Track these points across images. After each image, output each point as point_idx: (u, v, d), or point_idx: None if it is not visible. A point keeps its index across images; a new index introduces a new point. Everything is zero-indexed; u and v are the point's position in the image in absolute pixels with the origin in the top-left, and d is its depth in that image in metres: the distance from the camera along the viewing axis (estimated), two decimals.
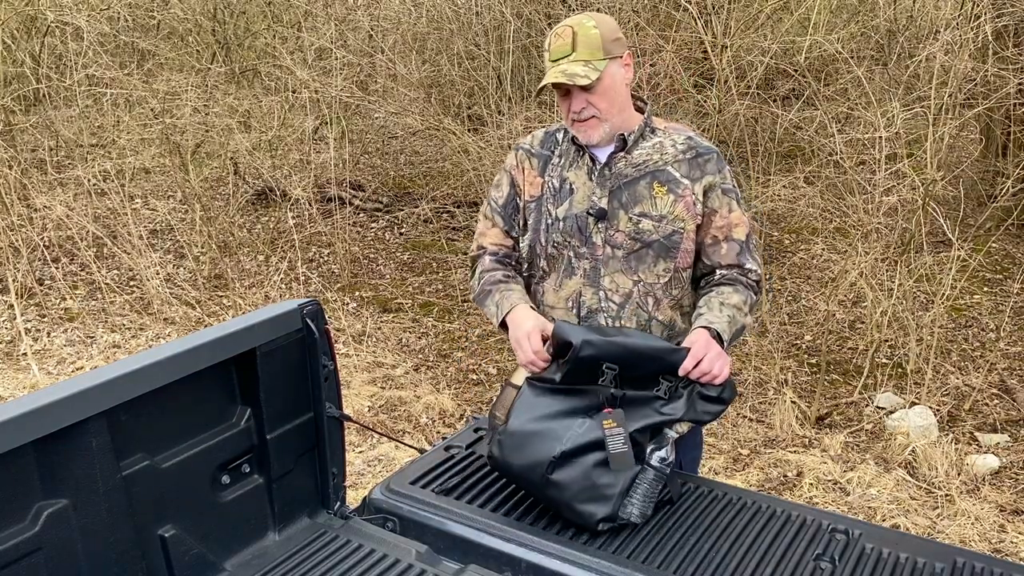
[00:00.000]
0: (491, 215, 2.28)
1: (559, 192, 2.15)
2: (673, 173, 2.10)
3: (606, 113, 2.07)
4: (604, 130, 2.08)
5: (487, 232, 2.29)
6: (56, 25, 6.46)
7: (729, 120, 5.40)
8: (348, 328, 5.31)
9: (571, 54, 2.01)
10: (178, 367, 1.74)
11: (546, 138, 2.24)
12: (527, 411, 1.95)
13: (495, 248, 2.27)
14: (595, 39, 2.03)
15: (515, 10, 6.23)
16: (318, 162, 6.84)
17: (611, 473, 1.89)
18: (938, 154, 4.42)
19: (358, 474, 3.88)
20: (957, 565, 1.77)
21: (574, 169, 2.15)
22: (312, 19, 7.27)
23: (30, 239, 6.04)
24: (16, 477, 1.52)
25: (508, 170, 2.26)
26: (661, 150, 2.12)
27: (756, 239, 2.18)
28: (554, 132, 2.24)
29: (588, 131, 2.08)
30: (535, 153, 2.22)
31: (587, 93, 2.04)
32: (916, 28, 6.66)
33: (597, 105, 2.05)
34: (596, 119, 2.07)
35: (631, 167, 2.11)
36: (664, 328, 2.14)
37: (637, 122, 2.14)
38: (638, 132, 2.13)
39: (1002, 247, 5.89)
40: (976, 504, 3.54)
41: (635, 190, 2.10)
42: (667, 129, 2.17)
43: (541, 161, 2.21)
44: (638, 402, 1.92)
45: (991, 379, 4.45)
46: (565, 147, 2.19)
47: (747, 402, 4.38)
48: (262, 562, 1.91)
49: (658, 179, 2.10)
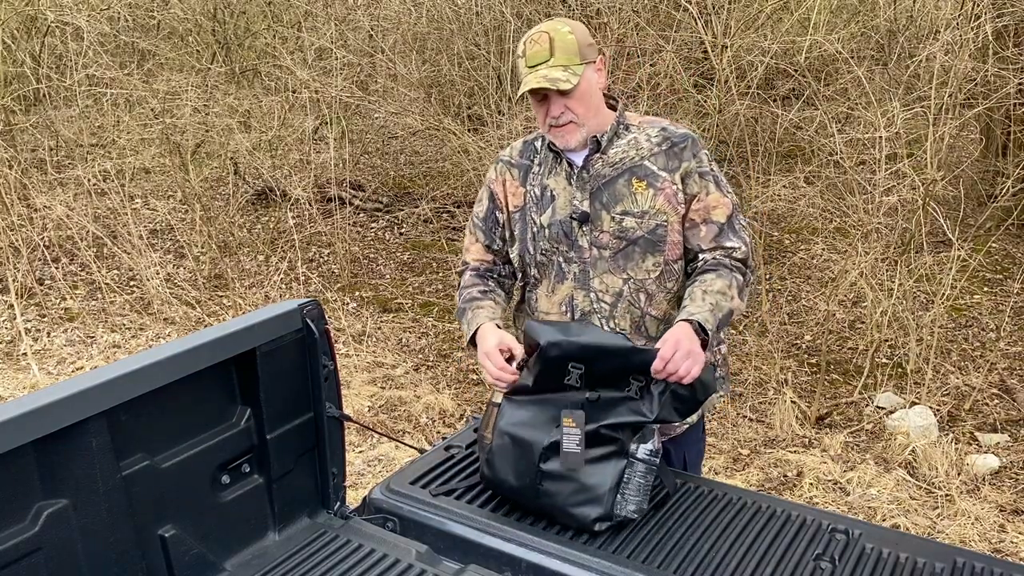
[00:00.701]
0: (473, 230, 2.32)
1: (541, 200, 2.17)
2: (650, 167, 2.10)
3: (583, 118, 2.08)
4: (581, 135, 2.10)
5: (470, 248, 2.33)
6: (56, 25, 6.46)
7: (729, 120, 5.40)
8: (348, 328, 5.31)
9: (549, 59, 2.02)
10: (178, 367, 1.74)
11: (525, 148, 2.26)
12: (507, 425, 1.96)
13: (476, 263, 2.31)
14: (572, 44, 2.04)
15: (515, 10, 6.23)
16: (318, 162, 6.84)
17: (598, 473, 1.88)
18: (938, 154, 4.42)
19: (358, 474, 3.88)
20: (957, 565, 1.77)
21: (553, 176, 2.17)
22: (312, 19, 7.27)
23: (30, 239, 6.04)
24: (16, 477, 1.52)
25: (488, 184, 2.29)
26: (636, 146, 2.13)
27: (742, 219, 2.15)
28: (532, 141, 2.26)
29: (566, 136, 2.10)
30: (515, 164, 2.24)
31: (565, 98, 2.05)
32: (916, 28, 6.66)
33: (575, 110, 2.06)
34: (574, 124, 2.08)
35: (608, 167, 2.12)
36: (659, 323, 2.14)
37: (610, 121, 2.14)
38: (611, 131, 2.13)
39: (1002, 247, 5.89)
40: (976, 504, 3.55)
41: (614, 189, 2.10)
42: (641, 124, 2.17)
43: (521, 171, 2.23)
44: (613, 403, 1.91)
45: (991, 379, 4.45)
46: (544, 155, 2.20)
47: (747, 402, 4.38)
48: (262, 562, 1.91)
49: (636, 175, 2.10)
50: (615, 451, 1.90)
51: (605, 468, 1.90)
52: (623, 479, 1.90)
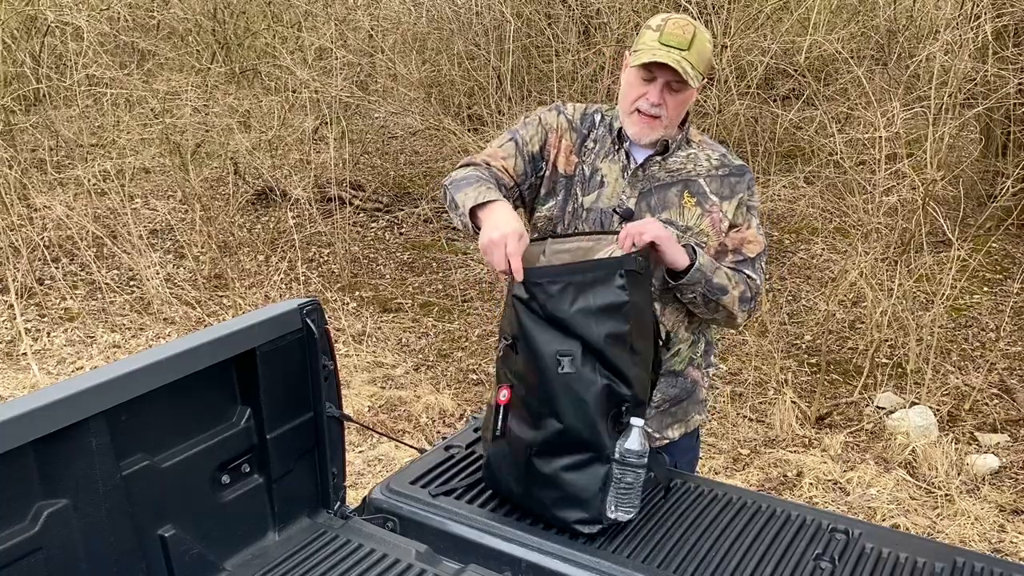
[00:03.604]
0: (513, 152, 2.11)
1: (589, 181, 2.11)
2: (704, 187, 2.08)
3: (668, 120, 2.04)
4: (658, 134, 2.05)
5: (497, 156, 2.10)
6: (56, 25, 6.46)
7: (729, 120, 5.41)
8: (348, 328, 5.31)
9: (687, 50, 1.96)
10: (178, 367, 1.74)
11: (584, 116, 2.15)
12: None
13: (498, 172, 2.08)
14: (707, 52, 2.01)
15: (515, 10, 6.23)
16: (318, 162, 6.84)
17: (584, 477, 1.83)
18: (938, 154, 4.42)
19: (358, 474, 3.88)
20: (957, 565, 1.77)
21: (608, 161, 2.10)
22: (312, 19, 7.27)
23: (30, 239, 6.04)
24: (16, 477, 1.52)
25: (545, 126, 2.13)
26: (695, 161, 2.11)
27: (764, 263, 2.14)
28: (592, 114, 2.16)
29: (649, 127, 2.03)
30: (575, 128, 2.13)
31: (672, 93, 2.00)
32: (916, 28, 6.66)
33: (670, 108, 2.01)
34: (660, 120, 2.02)
35: (665, 172, 2.09)
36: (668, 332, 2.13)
37: (680, 132, 2.13)
38: (680, 141, 2.11)
39: (1002, 247, 5.89)
40: (976, 504, 3.55)
41: (665, 196, 2.08)
42: (702, 143, 2.15)
43: (579, 138, 2.12)
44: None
45: (991, 379, 4.45)
46: (601, 133, 2.13)
47: (747, 402, 4.38)
48: (262, 562, 1.90)
49: (689, 189, 2.08)
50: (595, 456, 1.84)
51: (589, 471, 1.84)
52: (607, 481, 1.84)
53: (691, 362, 2.21)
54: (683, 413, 2.24)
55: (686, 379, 2.21)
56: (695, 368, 2.22)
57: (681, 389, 2.21)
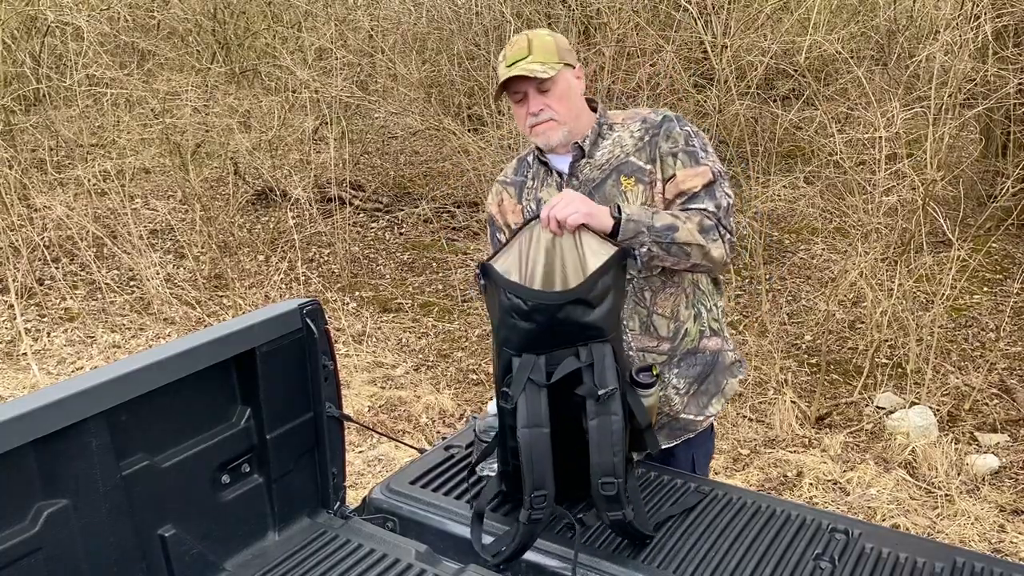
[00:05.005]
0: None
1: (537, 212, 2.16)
2: (636, 162, 2.09)
3: (563, 116, 2.07)
4: (562, 133, 2.08)
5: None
6: (56, 25, 6.46)
7: (729, 120, 5.40)
8: (348, 328, 5.31)
9: (527, 57, 2.02)
10: (178, 367, 1.74)
11: (519, 165, 2.28)
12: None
13: None
14: (550, 45, 2.05)
15: (515, 10, 6.23)
16: (318, 162, 6.85)
17: None
18: (938, 154, 4.42)
19: (358, 474, 3.88)
20: (957, 565, 1.77)
21: (545, 188, 2.18)
22: (312, 19, 7.28)
23: (30, 239, 6.04)
24: (16, 477, 1.52)
25: (488, 210, 2.32)
26: (621, 143, 2.12)
27: (727, 188, 2.08)
28: (525, 157, 2.28)
29: (547, 133, 2.09)
30: (510, 182, 2.27)
31: (544, 96, 2.05)
32: (916, 28, 6.66)
33: (554, 107, 2.06)
34: (554, 121, 2.07)
35: (596, 169, 2.12)
36: (669, 321, 2.14)
37: (591, 125, 2.14)
38: (593, 135, 2.13)
39: (1002, 247, 5.89)
40: (976, 504, 3.55)
41: (604, 191, 2.09)
42: (624, 121, 2.15)
43: (517, 188, 2.25)
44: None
45: (991, 379, 4.45)
46: (535, 169, 2.22)
47: (747, 402, 4.38)
48: (262, 562, 1.91)
49: (623, 172, 2.09)
50: None
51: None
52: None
53: (701, 335, 2.21)
54: (715, 385, 2.25)
55: (705, 353, 2.22)
56: (707, 338, 2.22)
57: (703, 365, 2.22)
